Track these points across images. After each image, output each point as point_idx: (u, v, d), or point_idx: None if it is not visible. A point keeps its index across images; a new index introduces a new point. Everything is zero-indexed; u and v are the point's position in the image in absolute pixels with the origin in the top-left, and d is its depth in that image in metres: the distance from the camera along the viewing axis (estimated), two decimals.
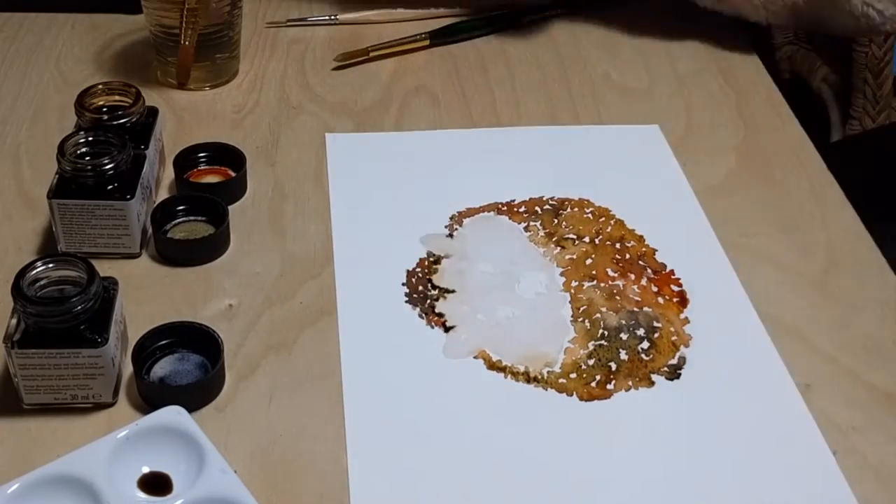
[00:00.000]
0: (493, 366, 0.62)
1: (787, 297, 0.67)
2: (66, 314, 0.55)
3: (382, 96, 0.86)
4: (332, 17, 0.96)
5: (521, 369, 0.62)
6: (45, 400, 0.58)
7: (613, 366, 0.62)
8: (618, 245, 0.71)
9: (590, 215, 0.73)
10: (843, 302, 0.67)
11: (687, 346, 0.63)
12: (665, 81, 0.89)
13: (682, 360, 0.62)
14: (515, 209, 0.74)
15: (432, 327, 0.64)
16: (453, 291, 0.67)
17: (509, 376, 0.61)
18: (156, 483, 0.53)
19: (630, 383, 0.61)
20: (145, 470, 0.54)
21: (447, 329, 0.64)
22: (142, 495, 0.53)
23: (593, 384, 0.61)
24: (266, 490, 0.54)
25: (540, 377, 0.61)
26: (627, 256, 0.70)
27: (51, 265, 0.57)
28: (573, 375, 0.61)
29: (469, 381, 0.61)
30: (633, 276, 0.68)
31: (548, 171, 0.78)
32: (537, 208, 0.74)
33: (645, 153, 0.80)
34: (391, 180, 0.76)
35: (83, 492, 0.51)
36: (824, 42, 1.21)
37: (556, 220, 0.72)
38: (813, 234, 0.73)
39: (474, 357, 0.62)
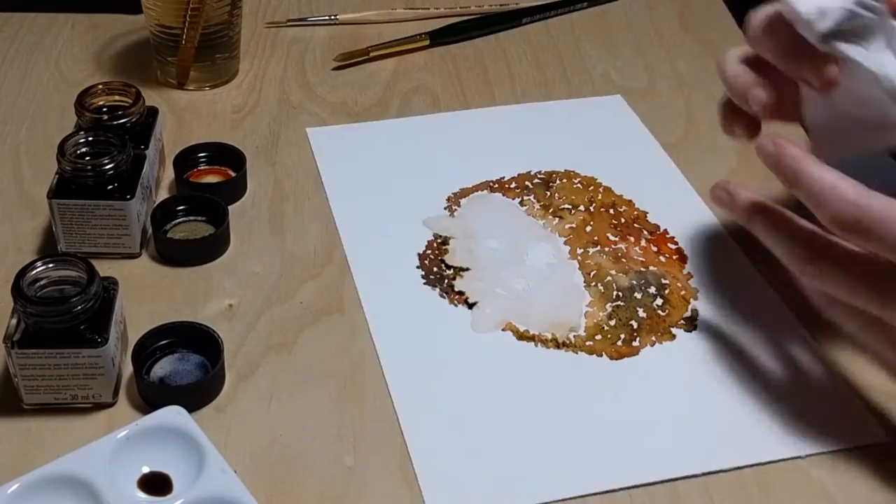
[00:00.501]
0: (521, 336, 0.64)
1: (787, 296, 0.67)
2: (66, 314, 0.55)
3: (382, 96, 0.86)
4: (332, 17, 0.96)
5: (549, 336, 0.64)
6: (45, 400, 0.58)
7: (635, 324, 0.65)
8: (611, 210, 0.74)
9: (579, 185, 0.76)
10: None
11: (696, 298, 0.67)
12: (665, 81, 0.89)
13: (695, 312, 0.66)
14: (507, 185, 0.76)
15: (455, 305, 0.66)
16: (467, 269, 0.68)
17: (539, 344, 0.63)
18: (156, 483, 0.53)
19: (654, 338, 0.64)
20: (145, 470, 0.54)
21: (470, 305, 0.66)
22: (142, 495, 0.53)
23: (619, 343, 0.64)
24: (266, 490, 0.54)
25: (568, 342, 0.63)
26: (623, 220, 0.73)
27: (51, 265, 0.57)
28: (598, 337, 0.64)
29: (502, 352, 0.63)
30: (632, 239, 0.71)
31: (529, 147, 0.80)
32: (527, 183, 0.76)
33: (614, 121, 0.84)
34: (380, 169, 0.78)
35: (83, 492, 0.51)
36: None
37: (548, 193, 0.75)
38: None
39: (502, 330, 0.64)
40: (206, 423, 0.57)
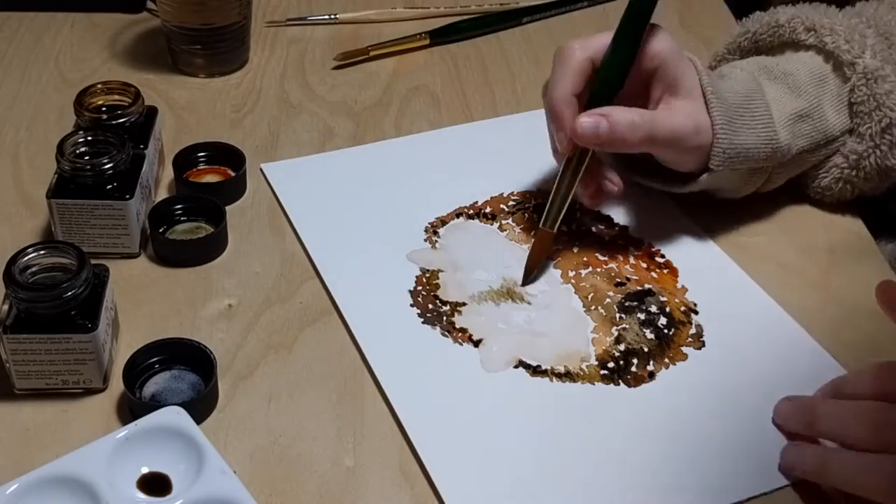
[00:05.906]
0: (535, 372, 0.61)
1: (787, 297, 0.67)
2: (57, 300, 0.55)
3: (382, 96, 0.86)
4: (332, 17, 0.95)
5: (562, 370, 0.61)
6: (37, 385, 0.58)
7: (645, 348, 0.63)
8: (593, 229, 0.72)
9: None
10: (843, 302, 0.67)
11: (697, 313, 0.65)
12: None
13: (700, 329, 0.64)
14: (481, 210, 0.73)
15: (461, 344, 0.63)
16: (465, 304, 0.66)
17: (554, 379, 0.61)
18: (155, 483, 0.53)
19: (667, 360, 0.62)
20: (145, 470, 0.54)
21: (475, 343, 0.63)
22: (141, 496, 0.53)
23: (634, 368, 0.62)
24: (266, 490, 0.54)
25: (582, 373, 0.61)
26: (606, 238, 0.71)
27: (42, 252, 0.57)
28: (611, 365, 0.62)
29: (518, 390, 0.60)
30: (621, 257, 0.69)
31: (498, 166, 0.77)
32: (503, 206, 0.73)
33: None
34: (348, 202, 0.73)
35: (83, 492, 0.51)
36: None
37: (526, 215, 0.72)
38: (813, 234, 0.72)
39: (514, 367, 0.62)
40: (206, 424, 0.57)
